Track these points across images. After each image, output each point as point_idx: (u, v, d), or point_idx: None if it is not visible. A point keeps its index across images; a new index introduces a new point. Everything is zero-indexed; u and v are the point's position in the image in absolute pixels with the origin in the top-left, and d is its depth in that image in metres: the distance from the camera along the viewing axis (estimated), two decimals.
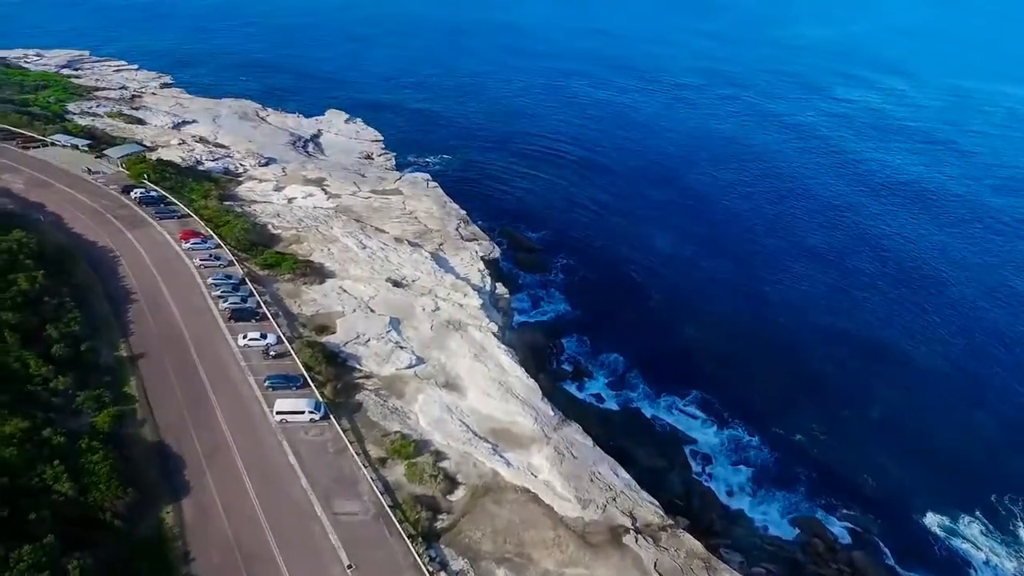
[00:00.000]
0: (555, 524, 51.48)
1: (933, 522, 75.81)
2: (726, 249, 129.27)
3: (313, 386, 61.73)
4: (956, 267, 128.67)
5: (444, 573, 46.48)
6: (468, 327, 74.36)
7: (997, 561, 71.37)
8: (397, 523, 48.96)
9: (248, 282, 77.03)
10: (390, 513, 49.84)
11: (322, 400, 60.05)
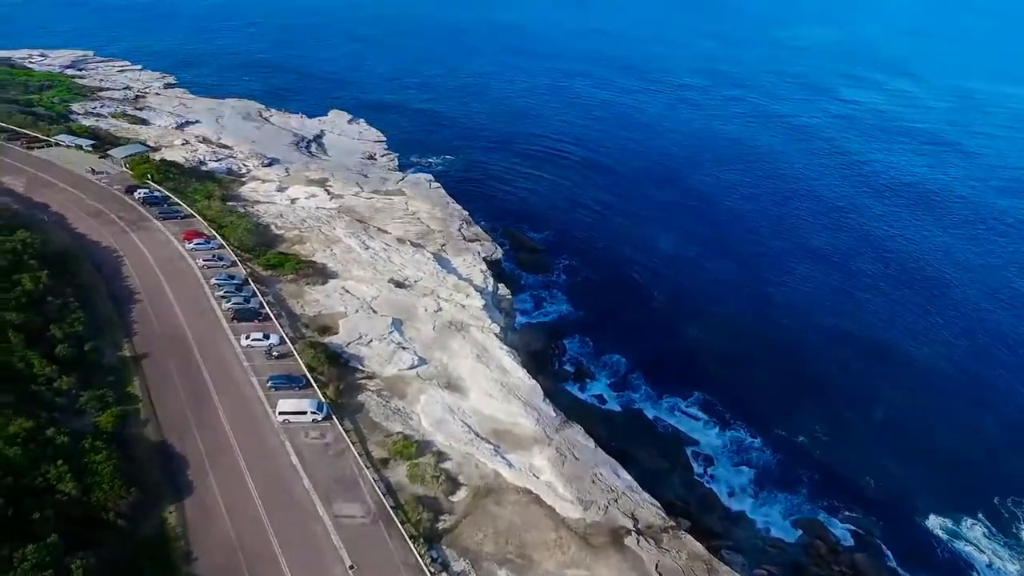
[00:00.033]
0: (557, 525, 51.58)
1: (936, 524, 75.63)
2: (729, 250, 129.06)
3: (315, 387, 61.94)
4: (960, 269, 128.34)
5: (446, 574, 46.65)
6: (470, 328, 74.48)
7: (1000, 564, 71.18)
8: (399, 524, 49.11)
9: (251, 282, 77.28)
10: (392, 514, 49.98)
11: (324, 401, 60.22)
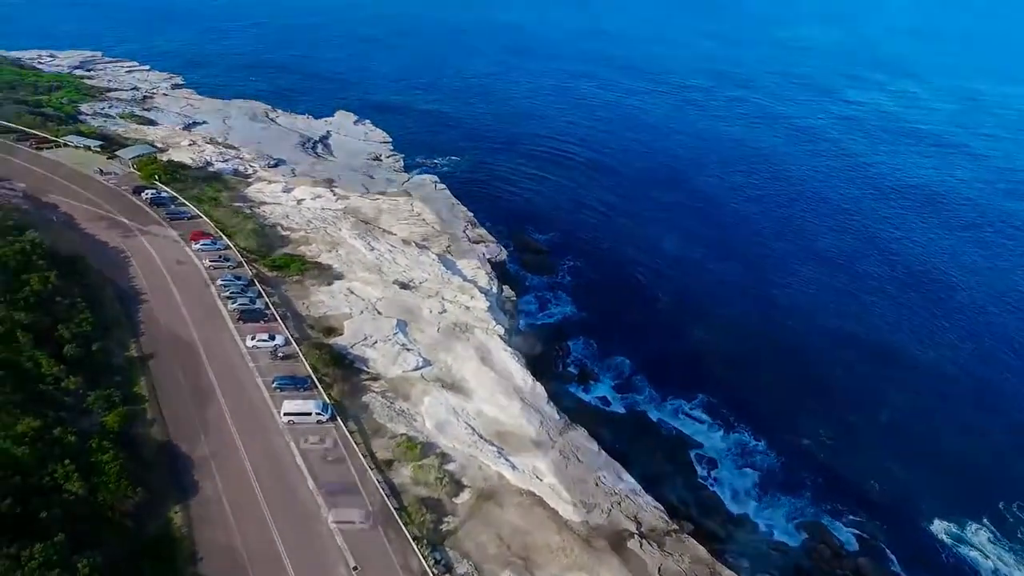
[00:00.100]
0: (560, 528, 51.70)
1: (940, 529, 75.27)
2: (734, 252, 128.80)
3: (320, 387, 62.26)
4: (966, 271, 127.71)
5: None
6: (475, 329, 74.68)
7: (1005, 569, 70.78)
8: (403, 526, 49.32)
9: (257, 283, 77.71)
10: (396, 516, 50.20)
11: (329, 402, 60.54)
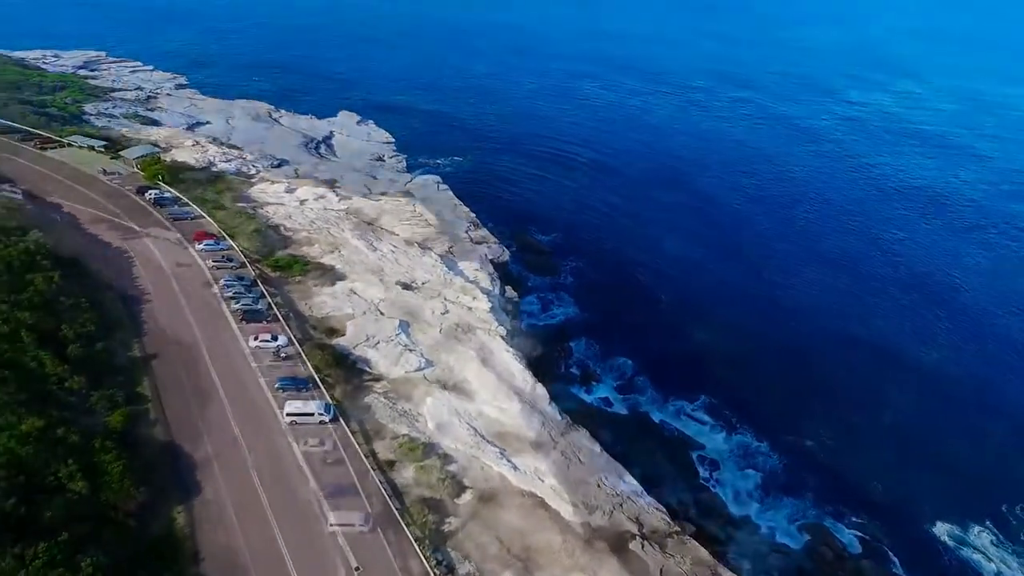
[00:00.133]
0: (561, 529, 51.73)
1: (943, 531, 75.09)
2: (737, 253, 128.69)
3: (323, 388, 62.38)
4: (969, 273, 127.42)
5: None
6: (477, 330, 74.75)
7: (1008, 572, 70.56)
8: (405, 526, 49.42)
9: (260, 283, 77.88)
10: (398, 516, 50.29)
11: (331, 402, 60.66)
